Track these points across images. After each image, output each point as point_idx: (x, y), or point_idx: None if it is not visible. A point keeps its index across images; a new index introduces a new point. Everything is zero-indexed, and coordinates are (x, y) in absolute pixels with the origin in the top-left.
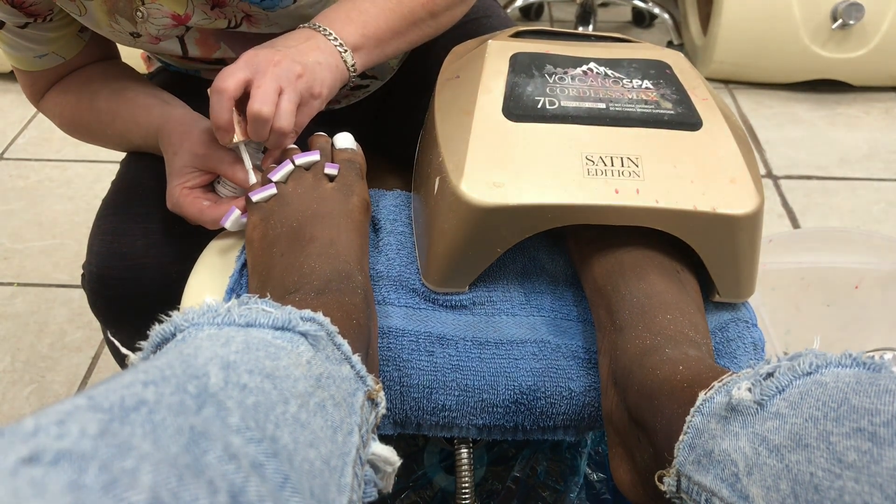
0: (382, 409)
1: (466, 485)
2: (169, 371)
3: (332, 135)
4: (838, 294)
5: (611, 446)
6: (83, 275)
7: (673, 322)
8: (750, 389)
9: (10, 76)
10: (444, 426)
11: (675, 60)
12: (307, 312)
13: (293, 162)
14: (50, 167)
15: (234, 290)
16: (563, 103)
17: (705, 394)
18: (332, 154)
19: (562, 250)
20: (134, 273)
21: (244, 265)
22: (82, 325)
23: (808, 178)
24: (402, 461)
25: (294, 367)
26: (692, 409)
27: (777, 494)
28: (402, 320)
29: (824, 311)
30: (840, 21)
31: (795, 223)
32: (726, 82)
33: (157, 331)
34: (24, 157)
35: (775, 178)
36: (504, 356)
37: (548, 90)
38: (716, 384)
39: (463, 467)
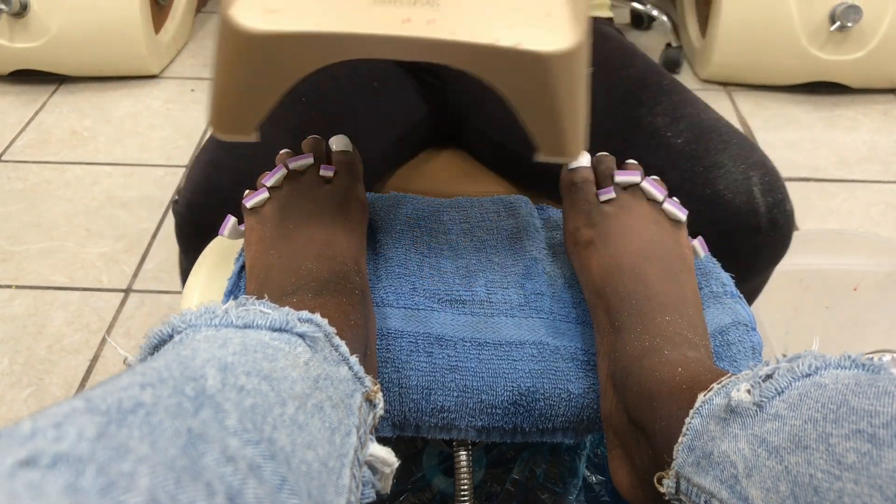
0: (380, 410)
1: (465, 487)
2: (166, 373)
3: (331, 135)
4: (837, 296)
5: (610, 448)
6: (175, 200)
7: (672, 323)
8: (749, 391)
9: (8, 78)
10: (442, 428)
11: None
12: (305, 313)
13: (286, 166)
14: (48, 169)
15: (232, 293)
16: None
17: (704, 395)
18: (327, 156)
19: (561, 251)
20: (220, 205)
21: (243, 267)
22: (80, 328)
23: (807, 180)
24: (400, 462)
25: (292, 369)
26: (691, 411)
27: (776, 496)
28: (400, 321)
29: (823, 313)
30: (838, 23)
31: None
32: (725, 84)
33: (154, 332)
34: (22, 159)
35: None
36: (503, 357)
37: None
38: (715, 386)
39: (462, 469)
